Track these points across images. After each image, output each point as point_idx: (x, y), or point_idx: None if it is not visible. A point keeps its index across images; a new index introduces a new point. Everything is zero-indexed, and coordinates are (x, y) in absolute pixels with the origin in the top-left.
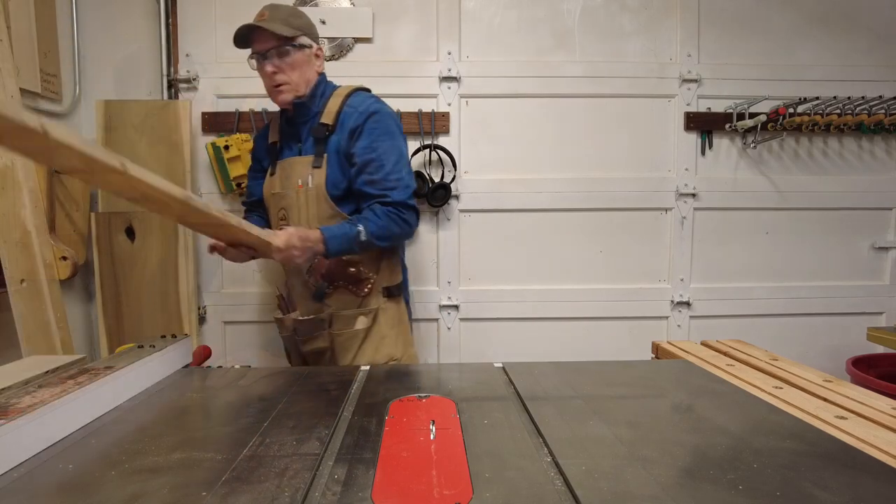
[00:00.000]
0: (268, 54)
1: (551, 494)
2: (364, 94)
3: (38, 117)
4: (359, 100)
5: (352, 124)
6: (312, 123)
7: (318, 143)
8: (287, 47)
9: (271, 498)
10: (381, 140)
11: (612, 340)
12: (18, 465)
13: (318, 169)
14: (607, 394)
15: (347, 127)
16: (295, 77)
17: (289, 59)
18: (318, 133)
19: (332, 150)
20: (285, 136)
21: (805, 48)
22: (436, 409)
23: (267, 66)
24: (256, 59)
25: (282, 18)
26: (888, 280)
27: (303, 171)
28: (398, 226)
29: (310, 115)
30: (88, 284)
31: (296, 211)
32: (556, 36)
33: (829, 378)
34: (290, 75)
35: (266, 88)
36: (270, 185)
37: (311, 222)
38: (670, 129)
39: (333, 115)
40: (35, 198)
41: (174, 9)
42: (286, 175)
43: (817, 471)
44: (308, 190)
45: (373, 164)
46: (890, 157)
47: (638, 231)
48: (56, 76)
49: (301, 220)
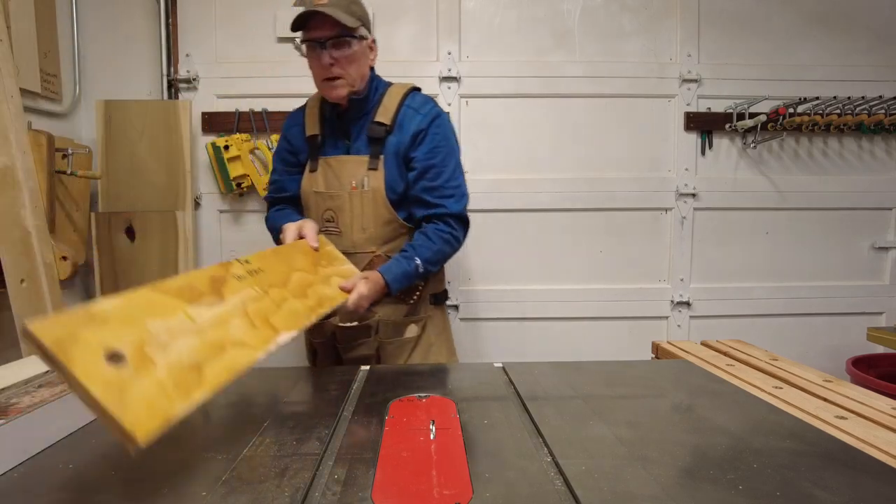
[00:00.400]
0: (326, 44)
1: (551, 494)
2: (422, 96)
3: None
4: (419, 101)
5: (415, 127)
6: (365, 121)
7: (373, 144)
8: (348, 38)
9: (271, 498)
10: (442, 146)
11: (612, 340)
12: (18, 465)
13: (374, 171)
14: (607, 394)
15: (410, 130)
16: (352, 71)
17: (349, 50)
18: (376, 133)
19: (391, 152)
20: (330, 130)
21: (805, 48)
22: (436, 409)
23: (324, 56)
24: (310, 45)
25: (343, 5)
26: (888, 280)
27: (356, 172)
28: (450, 245)
29: (363, 111)
30: (88, 284)
31: (348, 214)
32: (556, 36)
33: (829, 378)
34: (347, 69)
35: (316, 79)
36: (311, 182)
37: (366, 226)
38: (670, 129)
39: (391, 114)
40: (35, 198)
41: (174, 9)
42: (334, 174)
43: (817, 471)
44: (363, 192)
45: (433, 171)
46: (890, 157)
47: (638, 231)
48: (56, 76)
49: (354, 224)
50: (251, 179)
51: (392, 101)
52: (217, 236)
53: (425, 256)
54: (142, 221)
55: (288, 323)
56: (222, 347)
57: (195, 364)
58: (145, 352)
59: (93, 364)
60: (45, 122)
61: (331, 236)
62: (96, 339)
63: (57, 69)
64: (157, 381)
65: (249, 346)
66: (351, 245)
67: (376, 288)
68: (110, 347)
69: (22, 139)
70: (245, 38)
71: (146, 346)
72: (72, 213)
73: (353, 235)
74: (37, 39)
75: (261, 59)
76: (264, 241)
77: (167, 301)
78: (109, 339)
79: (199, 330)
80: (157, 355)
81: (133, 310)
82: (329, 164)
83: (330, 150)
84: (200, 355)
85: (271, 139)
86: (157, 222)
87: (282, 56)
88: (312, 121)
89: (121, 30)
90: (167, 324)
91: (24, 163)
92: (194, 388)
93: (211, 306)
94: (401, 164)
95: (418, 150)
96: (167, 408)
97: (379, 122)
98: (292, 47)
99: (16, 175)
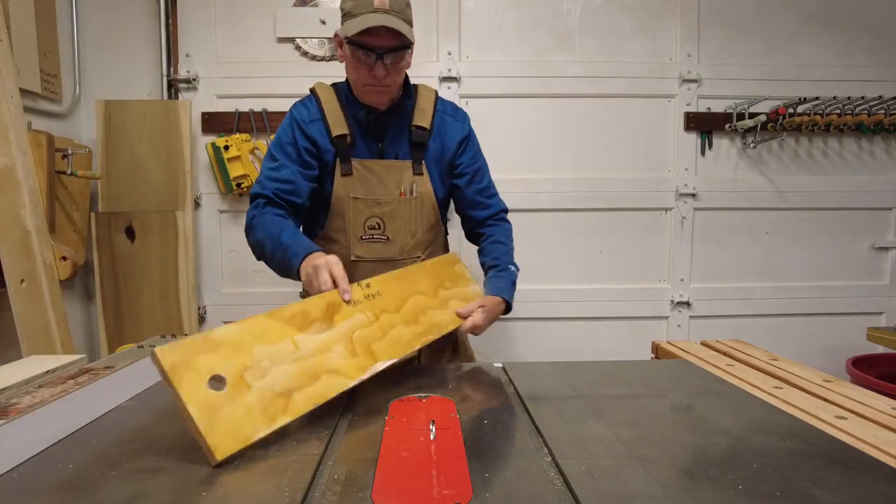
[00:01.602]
0: (383, 55)
1: (551, 494)
2: (449, 102)
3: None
4: (451, 107)
5: (459, 136)
6: (404, 124)
7: (416, 148)
8: (406, 50)
9: (271, 498)
10: (479, 150)
11: (612, 340)
12: (18, 465)
13: (420, 176)
14: (607, 394)
15: (454, 138)
16: (399, 79)
17: (402, 62)
18: (420, 137)
19: (432, 159)
20: (360, 131)
21: (805, 48)
22: (436, 409)
23: (378, 67)
24: (362, 52)
25: (402, 10)
26: (888, 280)
27: (403, 177)
28: (513, 240)
29: (403, 114)
30: (88, 284)
31: (399, 221)
32: (556, 36)
33: (829, 378)
34: (395, 79)
35: (356, 82)
36: (347, 187)
37: (416, 233)
38: (670, 129)
39: (429, 118)
40: (35, 198)
41: (174, 9)
42: (378, 179)
43: (817, 471)
44: (412, 198)
45: (479, 174)
46: (890, 157)
47: (638, 231)
48: (56, 76)
49: (404, 230)
50: (251, 179)
51: (427, 104)
52: (217, 236)
53: (513, 259)
54: (142, 221)
55: (389, 351)
56: (316, 375)
57: (286, 391)
58: (244, 377)
59: (196, 387)
60: (45, 122)
61: (375, 243)
62: (206, 365)
63: (57, 69)
64: (247, 406)
65: (343, 374)
66: (399, 252)
67: (494, 315)
68: (214, 372)
69: (22, 139)
70: (245, 38)
71: (247, 371)
72: (72, 213)
73: (402, 242)
74: (37, 39)
75: (261, 59)
76: None
77: (279, 327)
78: (216, 365)
79: (300, 357)
80: (254, 381)
81: (245, 336)
82: (369, 168)
83: (362, 152)
84: (294, 383)
85: (271, 139)
86: (157, 222)
87: (281, 56)
88: (337, 119)
89: (121, 30)
90: (272, 350)
91: (24, 163)
92: (279, 414)
93: (319, 333)
94: (442, 171)
95: (464, 156)
96: (249, 432)
97: (420, 127)
98: (292, 47)
99: (16, 175)
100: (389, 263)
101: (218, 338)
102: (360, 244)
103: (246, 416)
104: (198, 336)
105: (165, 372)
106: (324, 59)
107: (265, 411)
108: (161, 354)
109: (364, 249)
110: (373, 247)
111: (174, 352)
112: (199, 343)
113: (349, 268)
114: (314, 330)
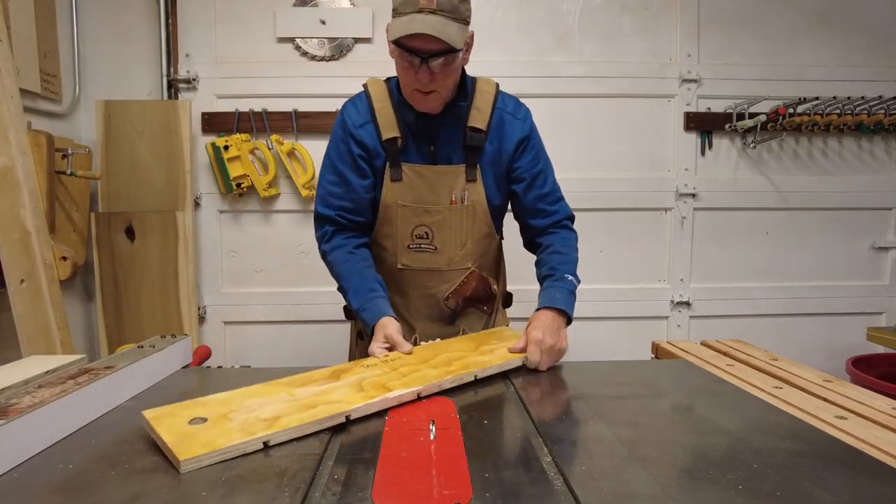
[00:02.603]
0: (428, 59)
1: (551, 494)
2: (511, 97)
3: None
4: (513, 104)
5: (518, 135)
6: (458, 126)
7: (471, 152)
8: (454, 55)
9: (271, 498)
10: (541, 151)
11: (612, 340)
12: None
13: (472, 182)
14: (607, 394)
15: (512, 138)
16: (449, 84)
17: (452, 66)
18: (475, 141)
19: (487, 162)
20: (412, 133)
21: (805, 48)
22: (436, 409)
23: (422, 72)
24: (406, 54)
25: (453, 9)
26: (888, 280)
27: (455, 184)
28: (578, 252)
29: (458, 115)
30: (88, 284)
31: (448, 231)
32: (556, 36)
33: (829, 378)
34: (444, 83)
35: (405, 86)
36: (396, 193)
37: (466, 243)
38: (670, 129)
39: (487, 118)
40: (35, 198)
41: (174, 9)
42: (428, 185)
43: (817, 471)
44: (464, 207)
45: (540, 177)
46: (890, 157)
47: (638, 231)
48: (56, 76)
49: (453, 240)
50: (251, 179)
51: (485, 103)
52: (217, 236)
53: (573, 269)
54: (142, 221)
55: (407, 383)
56: (312, 406)
57: (273, 417)
58: (228, 416)
59: (175, 425)
60: (45, 122)
61: (423, 253)
62: (188, 413)
63: (57, 69)
64: (226, 429)
65: (343, 402)
66: (447, 263)
67: (551, 328)
68: (195, 417)
69: (22, 139)
70: (245, 38)
71: (231, 412)
72: (72, 213)
73: (451, 253)
74: (37, 39)
75: (261, 59)
76: (264, 242)
77: (274, 387)
78: (199, 413)
79: (295, 399)
80: (238, 416)
81: (236, 395)
82: (419, 174)
83: (413, 156)
84: (283, 411)
85: (271, 139)
86: (157, 222)
87: (281, 56)
88: (388, 121)
89: (121, 30)
90: (263, 399)
91: (24, 163)
92: (260, 430)
93: (320, 385)
94: (499, 175)
95: (522, 158)
96: (221, 441)
97: (476, 128)
98: (291, 47)
99: (16, 175)
100: (436, 273)
101: (206, 399)
102: (406, 253)
103: (221, 435)
104: (188, 401)
105: (148, 422)
106: (324, 59)
107: (244, 430)
108: (147, 413)
109: (410, 258)
110: (420, 256)
111: (159, 409)
112: (187, 403)
113: (394, 276)
114: (314, 384)
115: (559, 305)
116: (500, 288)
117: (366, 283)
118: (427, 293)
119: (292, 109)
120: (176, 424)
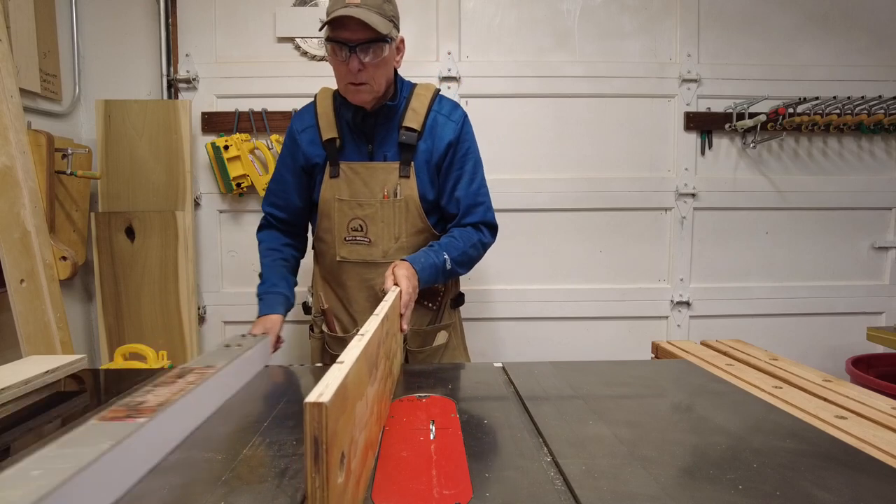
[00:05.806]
0: (355, 48)
1: (551, 494)
2: (449, 100)
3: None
4: (448, 107)
5: (451, 136)
6: (393, 125)
7: (404, 150)
8: (381, 43)
9: (271, 498)
10: (471, 154)
11: (612, 340)
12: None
13: (406, 178)
14: (607, 394)
15: (444, 138)
16: (379, 76)
17: (379, 56)
18: (407, 139)
19: (422, 160)
20: (350, 133)
21: (805, 48)
22: (436, 409)
23: (352, 61)
24: (336, 46)
25: (377, 5)
26: (888, 280)
27: (388, 179)
28: (476, 250)
29: (391, 115)
30: (88, 284)
31: (380, 223)
32: (556, 36)
33: (829, 378)
34: (373, 74)
35: (339, 81)
36: (334, 189)
37: (399, 235)
38: (670, 129)
39: (421, 119)
40: (35, 198)
41: (174, 9)
42: (362, 181)
43: (817, 471)
44: (396, 201)
45: (463, 179)
46: (890, 157)
47: (638, 231)
48: (56, 76)
49: (386, 233)
50: (251, 179)
51: (420, 104)
52: (217, 236)
53: (453, 255)
54: (141, 221)
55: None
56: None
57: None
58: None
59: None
60: (45, 122)
61: (358, 245)
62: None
63: (57, 69)
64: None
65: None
66: (381, 255)
67: (410, 275)
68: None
69: (22, 139)
70: (245, 38)
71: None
72: (72, 213)
73: (385, 245)
74: (37, 39)
75: (260, 59)
76: None
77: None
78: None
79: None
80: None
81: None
82: (355, 171)
83: (351, 155)
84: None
85: (271, 139)
86: (157, 222)
87: (281, 56)
88: (328, 123)
89: (121, 30)
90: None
91: (24, 163)
92: None
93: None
94: (432, 172)
95: (447, 159)
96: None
97: (409, 128)
98: (291, 47)
99: (16, 175)
100: (373, 266)
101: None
102: (343, 245)
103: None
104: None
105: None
106: (323, 59)
107: None
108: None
109: (347, 251)
110: (356, 248)
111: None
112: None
113: (335, 268)
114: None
115: (417, 268)
116: (448, 287)
117: (272, 278)
118: (366, 285)
119: (292, 109)
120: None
